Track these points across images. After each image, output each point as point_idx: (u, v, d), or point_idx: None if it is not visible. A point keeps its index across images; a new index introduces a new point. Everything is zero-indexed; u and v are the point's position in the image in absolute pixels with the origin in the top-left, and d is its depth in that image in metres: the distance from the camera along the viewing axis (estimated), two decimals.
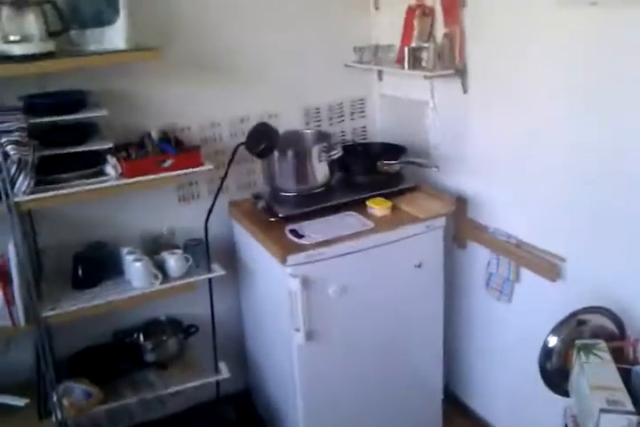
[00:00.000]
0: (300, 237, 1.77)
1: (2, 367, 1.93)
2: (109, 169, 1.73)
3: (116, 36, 1.70)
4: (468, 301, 2.18)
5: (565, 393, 1.45)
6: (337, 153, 1.94)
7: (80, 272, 1.79)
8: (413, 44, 1.97)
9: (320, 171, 1.95)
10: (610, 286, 1.60)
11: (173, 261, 1.87)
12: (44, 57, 1.59)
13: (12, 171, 1.54)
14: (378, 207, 1.91)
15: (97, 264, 1.83)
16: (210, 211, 1.94)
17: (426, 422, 2.21)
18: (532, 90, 1.72)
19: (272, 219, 1.87)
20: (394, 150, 2.09)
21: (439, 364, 2.15)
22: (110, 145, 1.72)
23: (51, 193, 1.60)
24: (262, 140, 1.79)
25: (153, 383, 1.91)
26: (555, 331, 1.53)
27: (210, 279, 2.00)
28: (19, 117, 1.60)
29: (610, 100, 1.50)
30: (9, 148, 1.51)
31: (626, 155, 1.50)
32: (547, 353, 1.54)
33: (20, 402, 1.78)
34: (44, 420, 1.78)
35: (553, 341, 1.52)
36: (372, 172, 2.01)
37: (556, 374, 1.52)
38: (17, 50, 1.57)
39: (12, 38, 1.58)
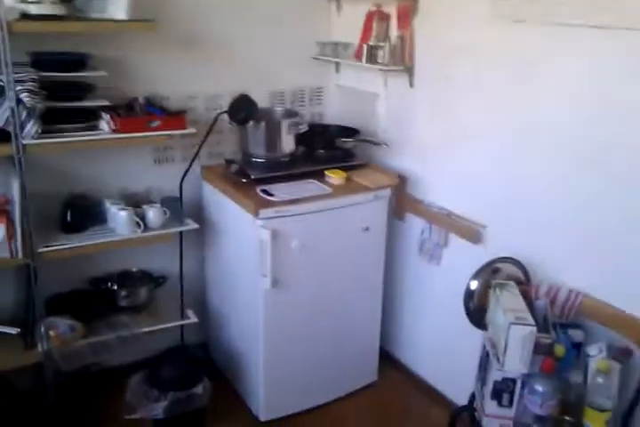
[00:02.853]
0: (271, 195, 2.05)
1: None
2: (103, 124, 1.94)
3: (118, 6, 1.92)
4: (403, 265, 2.53)
5: (484, 327, 1.79)
6: (304, 128, 2.24)
7: (69, 217, 1.96)
8: (371, 43, 2.31)
9: (288, 142, 2.24)
10: (519, 246, 1.97)
11: (152, 214, 2.08)
12: (56, 18, 1.78)
13: (23, 116, 1.71)
14: (335, 177, 2.22)
15: (84, 211, 2.01)
16: (186, 171, 2.18)
17: (364, 374, 2.52)
18: (463, 92, 2.09)
19: (244, 180, 2.13)
20: (349, 131, 2.42)
21: (377, 320, 2.47)
22: (107, 103, 1.93)
23: (56, 140, 1.79)
24: (243, 109, 2.05)
25: (127, 324, 2.09)
26: (475, 276, 1.90)
27: (181, 233, 2.23)
28: (29, 70, 1.77)
29: (522, 101, 1.89)
30: (24, 95, 1.68)
31: (529, 142, 1.90)
32: (469, 295, 1.91)
33: (12, 330, 1.91)
34: (29, 350, 1.91)
35: (474, 284, 1.90)
36: (331, 147, 2.33)
37: (476, 312, 1.89)
38: (33, 9, 1.75)
39: None
